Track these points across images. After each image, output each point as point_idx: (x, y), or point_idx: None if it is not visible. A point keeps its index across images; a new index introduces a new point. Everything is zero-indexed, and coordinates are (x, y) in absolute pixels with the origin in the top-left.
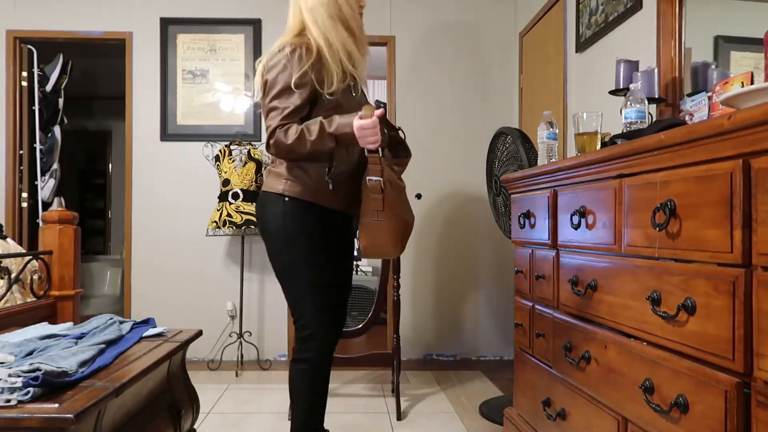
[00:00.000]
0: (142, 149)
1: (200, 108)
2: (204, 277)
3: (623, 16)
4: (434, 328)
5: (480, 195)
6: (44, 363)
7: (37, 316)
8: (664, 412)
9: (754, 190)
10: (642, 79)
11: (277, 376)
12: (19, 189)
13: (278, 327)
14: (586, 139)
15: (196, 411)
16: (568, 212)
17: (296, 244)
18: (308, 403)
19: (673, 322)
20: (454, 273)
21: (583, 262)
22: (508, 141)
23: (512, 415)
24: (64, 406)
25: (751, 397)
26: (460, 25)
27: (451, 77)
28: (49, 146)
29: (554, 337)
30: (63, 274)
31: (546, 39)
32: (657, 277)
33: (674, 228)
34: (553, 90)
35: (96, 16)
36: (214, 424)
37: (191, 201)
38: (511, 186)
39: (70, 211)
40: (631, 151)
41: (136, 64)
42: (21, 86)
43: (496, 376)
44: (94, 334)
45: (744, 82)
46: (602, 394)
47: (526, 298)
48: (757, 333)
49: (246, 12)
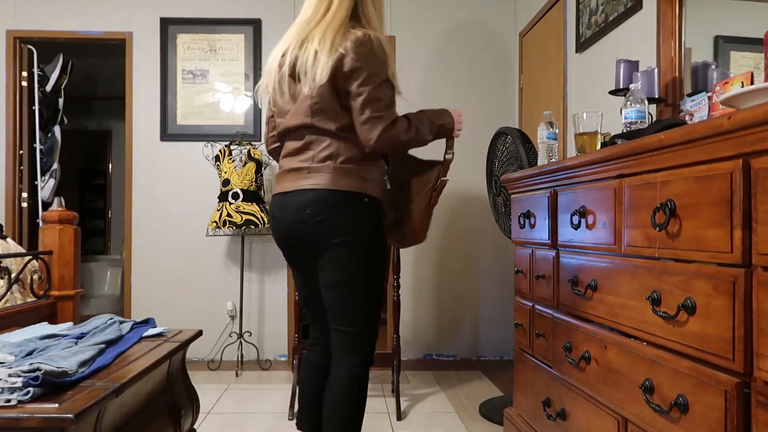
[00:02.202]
0: (142, 149)
1: (200, 108)
2: (204, 277)
3: (623, 16)
4: (434, 328)
5: (480, 195)
6: (44, 363)
7: (37, 316)
8: (664, 412)
9: (754, 190)
10: (642, 79)
11: (277, 376)
12: (19, 189)
13: (278, 327)
14: (586, 139)
15: (196, 411)
16: (568, 212)
17: (380, 243)
18: (362, 411)
19: (673, 322)
20: (454, 273)
21: (583, 262)
22: (508, 141)
23: (512, 415)
24: (64, 406)
25: (751, 397)
26: (460, 25)
27: (451, 77)
28: (49, 146)
29: (554, 337)
30: (63, 274)
31: (546, 39)
32: (657, 277)
33: (674, 228)
34: (553, 90)
35: (96, 16)
36: (214, 424)
37: (191, 201)
38: (511, 186)
39: (70, 211)
40: (631, 151)
41: (136, 64)
42: (21, 86)
43: (496, 376)
44: (94, 334)
45: (744, 82)
46: (602, 394)
47: (526, 298)
48: (757, 333)
49: (246, 12)
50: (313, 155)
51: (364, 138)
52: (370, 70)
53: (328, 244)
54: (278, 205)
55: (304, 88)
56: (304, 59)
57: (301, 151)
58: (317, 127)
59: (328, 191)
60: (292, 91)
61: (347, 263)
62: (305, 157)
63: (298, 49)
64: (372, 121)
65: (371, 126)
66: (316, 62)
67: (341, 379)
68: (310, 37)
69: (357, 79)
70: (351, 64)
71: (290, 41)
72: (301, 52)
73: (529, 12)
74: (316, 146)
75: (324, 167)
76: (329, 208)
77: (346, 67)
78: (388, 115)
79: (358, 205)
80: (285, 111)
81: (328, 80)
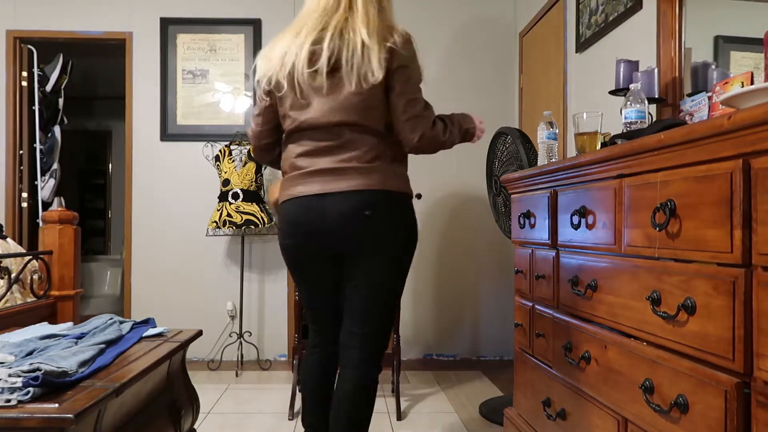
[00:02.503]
0: (142, 149)
1: (200, 108)
2: (204, 277)
3: (623, 16)
4: (434, 328)
5: (480, 195)
6: (44, 363)
7: (37, 316)
8: (664, 412)
9: (754, 190)
10: (642, 79)
11: (277, 376)
12: (19, 189)
13: (278, 327)
14: (586, 139)
15: (196, 411)
16: (568, 212)
17: (415, 247)
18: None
19: (673, 322)
20: (454, 273)
21: (583, 262)
22: (508, 141)
23: (512, 415)
24: (64, 406)
25: (751, 397)
26: (460, 25)
27: (451, 77)
28: (49, 146)
29: (554, 337)
30: (63, 274)
31: (546, 39)
32: (657, 277)
33: (674, 228)
34: (553, 90)
35: (96, 16)
36: (214, 424)
37: (191, 201)
38: (511, 186)
39: (70, 211)
40: (631, 151)
41: (136, 64)
42: (21, 86)
43: (496, 376)
44: (94, 334)
45: (744, 82)
46: (602, 394)
47: (526, 298)
48: (757, 333)
49: (246, 12)
50: (356, 155)
51: (406, 137)
52: (414, 70)
53: (377, 245)
54: (311, 208)
55: (349, 82)
56: (349, 52)
57: (336, 150)
58: (363, 125)
59: (384, 192)
60: (318, 84)
61: (393, 263)
62: (346, 157)
63: (338, 39)
64: (415, 121)
65: (414, 125)
66: (368, 56)
67: (357, 382)
68: (349, 28)
69: (403, 77)
70: (400, 62)
71: (307, 31)
72: (344, 43)
73: (529, 12)
74: (359, 145)
75: (374, 168)
76: (388, 208)
77: (395, 63)
78: (428, 115)
79: (405, 205)
80: (304, 105)
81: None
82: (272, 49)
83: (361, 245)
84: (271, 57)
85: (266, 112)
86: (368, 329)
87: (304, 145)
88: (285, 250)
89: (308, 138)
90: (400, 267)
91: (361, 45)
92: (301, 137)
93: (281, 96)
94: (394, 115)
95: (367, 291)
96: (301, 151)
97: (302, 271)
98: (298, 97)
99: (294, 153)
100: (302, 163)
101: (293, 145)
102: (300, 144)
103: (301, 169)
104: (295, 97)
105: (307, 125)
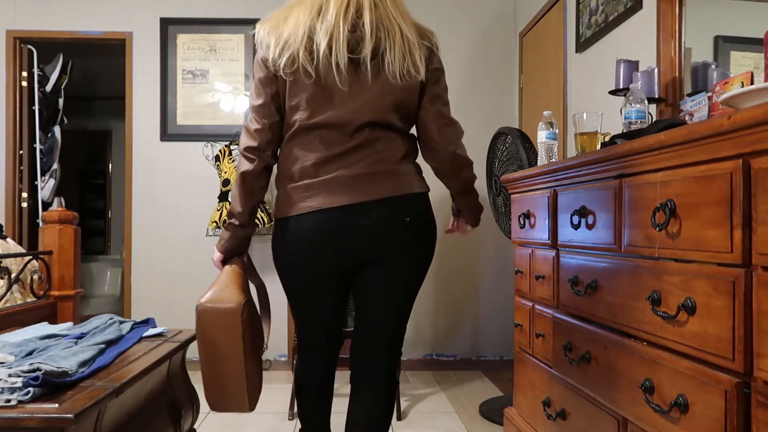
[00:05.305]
0: (142, 149)
1: (200, 108)
2: (204, 277)
3: (623, 16)
4: (434, 328)
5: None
6: (44, 363)
7: (37, 316)
8: (664, 412)
9: (754, 190)
10: (642, 79)
11: (277, 376)
12: (19, 189)
13: (278, 327)
14: (586, 139)
15: (196, 411)
16: (568, 212)
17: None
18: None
19: (673, 322)
20: (454, 273)
21: (583, 262)
22: (508, 141)
23: (512, 415)
24: (64, 406)
25: (751, 397)
26: (460, 25)
27: (452, 77)
28: (49, 146)
29: (554, 337)
30: (63, 274)
31: (546, 39)
32: (657, 277)
33: (674, 228)
34: (553, 90)
35: (96, 16)
36: (214, 424)
37: (191, 201)
38: (511, 186)
39: (70, 211)
40: (631, 151)
41: (136, 64)
42: (21, 86)
43: (496, 376)
44: (94, 334)
45: (744, 82)
46: (602, 394)
47: (526, 298)
48: (757, 333)
49: (246, 12)
50: (384, 156)
51: (443, 146)
52: (444, 73)
53: (413, 249)
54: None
55: (391, 76)
56: (390, 42)
57: (358, 152)
58: (391, 125)
59: (421, 194)
60: (353, 75)
61: (423, 265)
62: (373, 159)
63: (380, 31)
64: (452, 129)
65: (451, 135)
66: (409, 51)
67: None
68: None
69: (439, 79)
70: (437, 64)
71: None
72: (383, 31)
73: (529, 12)
74: (385, 144)
75: (405, 169)
76: (425, 212)
77: (433, 65)
78: (459, 125)
79: (429, 205)
80: (326, 98)
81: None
82: (284, 24)
83: (395, 251)
84: (285, 34)
85: (274, 101)
86: (392, 329)
87: (316, 148)
88: (291, 269)
89: (322, 139)
90: (426, 267)
91: (401, 36)
92: (314, 138)
93: (294, 82)
94: (427, 119)
95: (396, 292)
96: (317, 155)
97: (311, 292)
98: (320, 87)
99: (305, 157)
100: (318, 170)
101: (302, 148)
102: (312, 146)
103: (317, 177)
104: (315, 88)
105: (324, 123)
